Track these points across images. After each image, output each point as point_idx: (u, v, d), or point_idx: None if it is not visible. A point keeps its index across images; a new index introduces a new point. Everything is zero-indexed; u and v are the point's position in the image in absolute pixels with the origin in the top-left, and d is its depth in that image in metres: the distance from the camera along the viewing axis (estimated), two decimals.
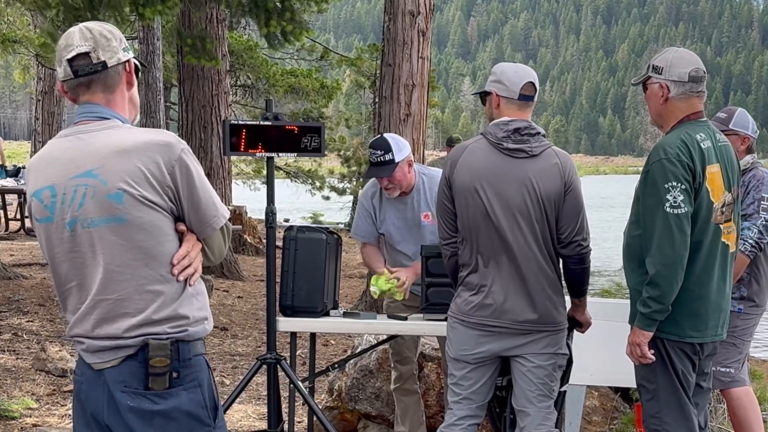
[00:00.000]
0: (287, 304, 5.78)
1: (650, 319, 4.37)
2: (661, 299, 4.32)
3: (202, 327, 3.20)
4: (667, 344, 4.42)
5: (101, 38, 3.16)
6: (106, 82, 3.18)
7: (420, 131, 11.18)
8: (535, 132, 4.68)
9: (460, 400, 4.80)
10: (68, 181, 3.09)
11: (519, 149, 4.64)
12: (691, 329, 4.42)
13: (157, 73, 13.73)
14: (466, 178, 4.66)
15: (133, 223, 3.06)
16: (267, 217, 5.70)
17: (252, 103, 22.71)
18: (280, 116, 5.73)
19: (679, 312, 4.38)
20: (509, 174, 4.62)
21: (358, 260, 18.64)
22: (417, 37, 11.04)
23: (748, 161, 5.76)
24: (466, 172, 4.67)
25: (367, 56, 22.51)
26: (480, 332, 4.70)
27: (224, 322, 11.42)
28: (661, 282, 4.30)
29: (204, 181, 3.19)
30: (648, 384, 4.51)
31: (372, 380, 6.72)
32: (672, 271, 4.29)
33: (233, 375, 8.73)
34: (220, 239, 3.26)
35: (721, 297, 4.49)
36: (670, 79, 4.48)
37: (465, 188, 4.66)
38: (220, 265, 15.13)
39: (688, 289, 4.36)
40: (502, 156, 4.65)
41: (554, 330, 4.70)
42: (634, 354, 4.46)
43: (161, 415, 3.08)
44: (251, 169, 28.22)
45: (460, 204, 4.69)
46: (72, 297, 3.16)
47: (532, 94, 4.77)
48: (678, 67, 4.48)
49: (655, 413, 4.49)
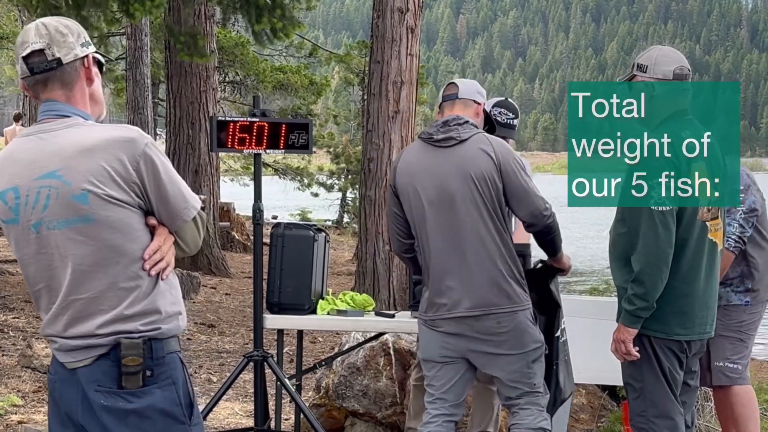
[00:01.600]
0: (274, 301, 5.76)
1: (635, 317, 4.37)
2: (645, 296, 4.32)
3: (176, 324, 3.16)
4: (654, 342, 4.42)
5: (57, 34, 3.11)
6: (63, 78, 3.13)
7: (408, 128, 11.18)
8: (463, 121, 4.77)
9: (434, 400, 4.84)
10: (31, 183, 3.05)
11: (448, 137, 4.74)
12: (679, 327, 4.41)
13: (144, 69, 13.71)
14: (405, 180, 4.77)
15: (101, 222, 3.03)
16: (254, 214, 5.68)
17: (240, 100, 22.66)
18: (267, 113, 5.72)
19: (666, 310, 4.38)
20: (442, 163, 4.70)
21: (346, 257, 18.68)
22: (406, 34, 11.03)
23: None
24: (404, 173, 4.80)
25: (356, 53, 22.49)
26: (440, 332, 4.73)
27: (211, 319, 11.40)
28: (645, 279, 4.30)
29: (171, 174, 3.14)
30: (635, 382, 4.51)
31: (359, 378, 6.70)
32: (657, 269, 4.29)
33: (220, 372, 8.71)
34: (193, 230, 3.22)
35: (708, 295, 4.49)
36: (654, 76, 4.50)
37: (406, 189, 4.76)
38: (208, 261, 15.11)
39: (675, 286, 4.36)
40: (434, 149, 4.75)
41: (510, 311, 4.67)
42: (618, 351, 4.47)
43: (135, 414, 3.06)
44: (240, 166, 28.17)
45: (407, 206, 4.78)
46: (42, 297, 3.13)
47: (455, 92, 4.90)
48: (662, 65, 4.49)
49: (642, 411, 4.49)
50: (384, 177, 11.03)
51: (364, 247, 11.28)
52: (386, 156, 11.04)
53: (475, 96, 4.95)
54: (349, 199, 26.72)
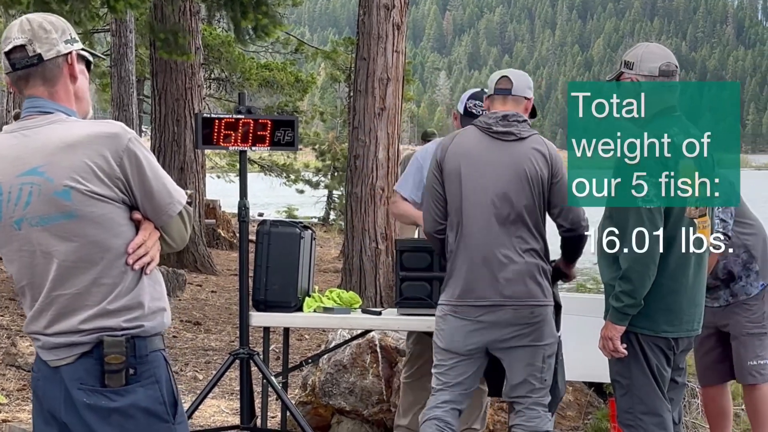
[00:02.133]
0: (260, 298, 5.74)
1: (622, 314, 4.37)
2: (633, 294, 4.32)
3: (159, 321, 3.14)
4: (642, 339, 4.42)
5: (39, 30, 3.09)
6: (44, 75, 3.11)
7: (395, 125, 11.17)
8: (522, 119, 4.88)
9: (444, 388, 4.87)
10: (14, 180, 3.03)
11: (507, 132, 4.82)
12: (666, 324, 4.41)
13: (129, 66, 13.66)
14: (454, 162, 4.82)
15: (85, 218, 3.00)
16: (240, 211, 5.66)
17: (226, 97, 22.61)
18: (253, 109, 5.70)
19: (654, 307, 4.38)
20: (498, 155, 4.79)
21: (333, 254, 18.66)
22: (392, 31, 11.01)
23: None
24: (454, 155, 4.84)
25: (342, 50, 22.44)
26: (470, 320, 4.78)
27: (197, 317, 11.38)
28: (633, 276, 4.30)
29: (156, 169, 3.12)
30: (622, 379, 4.50)
31: (346, 375, 6.69)
32: (644, 266, 4.29)
33: (206, 370, 8.69)
34: (179, 225, 3.19)
35: (696, 292, 4.49)
36: (640, 73, 4.50)
37: (453, 171, 4.81)
38: (194, 259, 15.08)
39: (663, 283, 4.36)
40: (491, 139, 4.83)
41: (543, 304, 4.78)
42: (606, 348, 4.46)
43: (118, 412, 3.04)
44: (225, 163, 28.12)
45: (450, 188, 4.82)
46: (27, 294, 3.11)
47: (509, 87, 4.92)
48: (648, 62, 4.49)
49: (629, 408, 4.48)
50: (370, 174, 11.01)
51: (351, 245, 11.26)
52: (372, 153, 11.02)
53: (527, 92, 5.04)
54: (335, 197, 26.71)
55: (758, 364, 5.70)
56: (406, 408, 6.04)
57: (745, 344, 5.69)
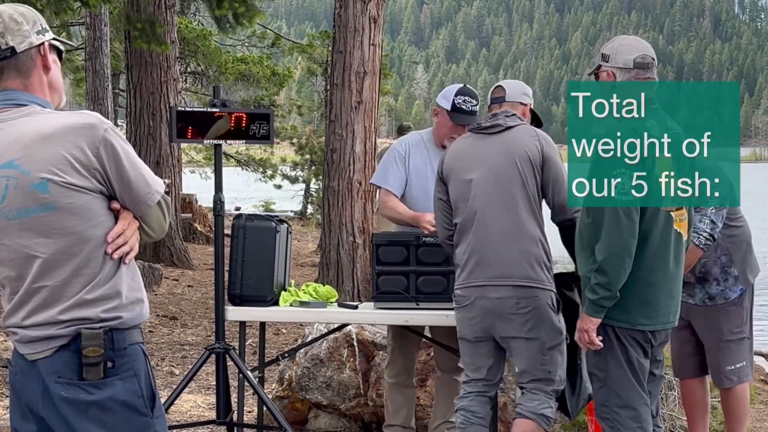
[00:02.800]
0: (236, 293, 5.72)
1: (598, 306, 4.37)
2: (608, 286, 4.32)
3: (138, 312, 3.12)
4: (618, 332, 4.42)
5: (11, 22, 3.06)
6: (18, 67, 3.09)
7: (372, 119, 11.14)
8: (511, 113, 5.09)
9: (469, 378, 5.07)
10: None
11: (494, 125, 5.05)
12: (643, 317, 4.41)
13: (104, 59, 13.57)
14: (451, 163, 5.07)
15: (63, 210, 2.98)
16: (215, 205, 5.63)
17: (202, 91, 22.52)
18: (228, 103, 5.66)
19: (630, 300, 4.38)
20: (489, 147, 5.01)
21: (310, 248, 18.61)
22: (368, 24, 10.98)
23: None
24: (451, 158, 5.08)
25: (319, 43, 22.36)
26: (472, 307, 4.95)
27: (174, 312, 11.33)
28: (608, 269, 4.30)
29: (133, 159, 3.11)
30: (599, 372, 4.50)
31: (323, 369, 6.68)
32: (619, 258, 4.29)
33: (183, 365, 8.66)
34: (158, 215, 3.18)
35: (673, 285, 4.49)
36: (616, 66, 4.50)
37: (451, 172, 5.04)
38: (170, 253, 15.01)
39: (639, 276, 4.36)
40: (482, 137, 5.06)
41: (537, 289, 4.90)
42: (582, 340, 4.47)
43: (96, 406, 3.01)
44: (202, 157, 28.02)
45: (452, 188, 5.05)
46: (6, 287, 3.08)
47: (502, 95, 5.20)
48: (623, 54, 4.49)
49: (605, 401, 4.49)
50: (347, 167, 10.99)
51: (328, 239, 11.23)
52: (349, 147, 11.00)
53: (521, 98, 5.25)
54: (312, 190, 26.66)
55: (736, 368, 5.72)
56: (397, 408, 6.04)
57: (723, 351, 5.70)
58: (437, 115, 5.81)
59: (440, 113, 5.77)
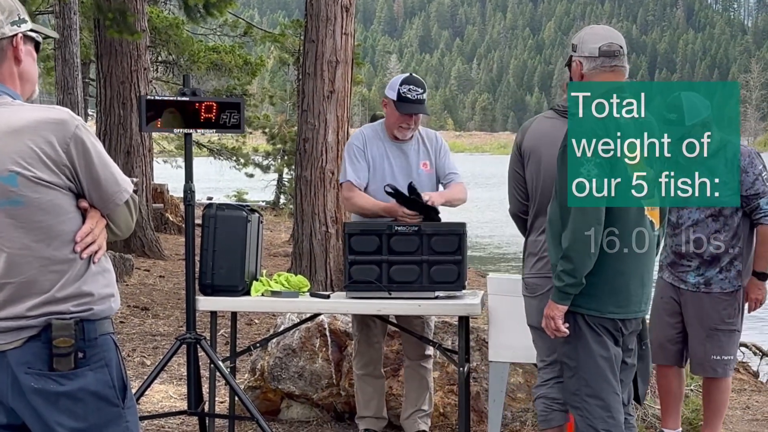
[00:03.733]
0: (207, 282, 5.70)
1: (564, 293, 4.35)
2: (573, 273, 4.30)
3: (108, 305, 3.11)
4: (589, 320, 4.40)
5: None
6: None
7: (344, 108, 11.11)
8: None
9: (544, 365, 4.93)
10: None
11: None
12: (613, 305, 4.40)
13: (74, 48, 13.43)
14: (532, 142, 4.87)
15: (30, 204, 2.97)
16: (185, 195, 5.60)
17: (174, 80, 22.40)
18: (198, 92, 5.63)
19: (601, 288, 4.37)
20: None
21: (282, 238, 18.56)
22: (340, 13, 10.94)
23: None
24: (533, 137, 4.88)
25: (291, 32, 22.31)
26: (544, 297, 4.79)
27: (145, 302, 11.28)
28: (573, 256, 4.29)
29: (103, 156, 3.09)
30: (569, 361, 4.49)
31: (295, 359, 6.66)
32: (584, 245, 4.27)
33: (154, 355, 8.62)
34: (125, 214, 3.18)
35: (645, 273, 4.49)
36: (582, 55, 4.52)
37: (532, 151, 4.87)
38: (141, 243, 14.94)
39: (609, 264, 4.35)
40: (563, 120, 4.84)
41: None
42: (548, 327, 4.45)
43: (67, 396, 3.00)
44: (174, 147, 27.90)
45: (531, 168, 4.87)
46: None
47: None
48: (589, 43, 4.50)
49: (576, 390, 4.47)
50: (320, 157, 10.95)
51: (301, 228, 11.20)
52: (322, 136, 10.96)
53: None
54: (285, 180, 26.61)
55: (722, 359, 5.72)
56: (367, 399, 6.04)
57: (713, 340, 5.71)
58: (386, 107, 5.84)
59: (388, 104, 5.81)
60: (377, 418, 6.06)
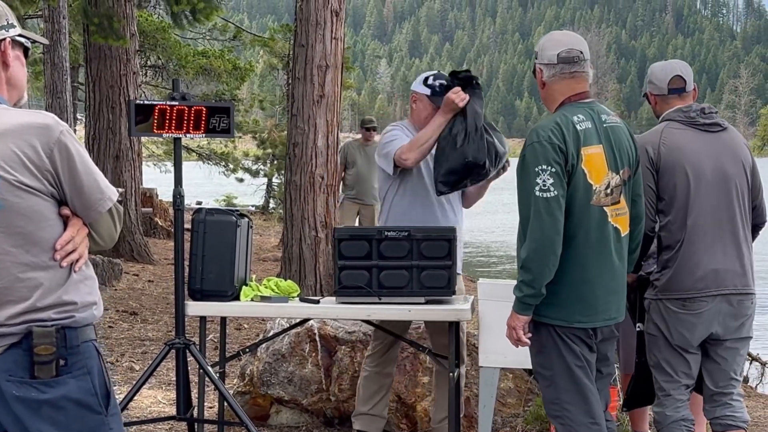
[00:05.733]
0: (196, 287, 5.67)
1: (524, 303, 4.31)
2: (532, 283, 4.25)
3: (90, 313, 3.08)
4: (559, 330, 4.34)
5: None
6: None
7: (334, 113, 11.09)
8: (716, 111, 5.19)
9: (680, 387, 5.03)
10: None
11: (714, 123, 5.07)
12: (580, 314, 4.33)
13: (63, 52, 13.40)
14: (672, 157, 4.97)
15: (10, 209, 2.93)
16: (175, 199, 5.58)
17: (163, 84, 22.36)
18: (187, 96, 5.61)
19: (566, 297, 4.31)
20: (715, 145, 5.03)
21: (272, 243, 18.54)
22: (330, 18, 10.93)
23: None
24: (671, 150, 4.98)
25: (281, 37, 22.27)
26: (698, 313, 4.93)
27: (134, 307, 11.25)
28: (531, 266, 4.24)
29: (87, 163, 3.06)
30: (544, 371, 4.43)
31: (285, 364, 6.64)
32: (542, 255, 4.22)
33: (143, 360, 8.59)
34: (108, 222, 3.14)
35: (613, 280, 4.40)
36: (542, 62, 4.47)
37: (672, 165, 4.96)
38: (130, 248, 14.91)
39: (573, 273, 4.29)
40: (699, 133, 5.04)
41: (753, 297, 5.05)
42: (511, 337, 4.42)
43: (49, 405, 2.97)
44: (162, 151, 27.84)
45: (667, 182, 4.96)
46: None
47: (682, 85, 5.16)
48: (548, 50, 4.45)
49: (555, 399, 4.40)
50: (310, 161, 10.93)
51: (290, 233, 11.18)
52: (311, 141, 10.94)
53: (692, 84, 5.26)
54: (275, 185, 26.57)
55: None
56: (369, 395, 5.98)
57: None
58: (415, 102, 5.80)
59: (419, 99, 5.77)
60: (374, 416, 5.98)
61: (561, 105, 4.41)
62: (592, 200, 4.29)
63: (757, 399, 8.06)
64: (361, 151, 13.44)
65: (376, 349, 5.98)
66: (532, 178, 4.22)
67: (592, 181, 4.29)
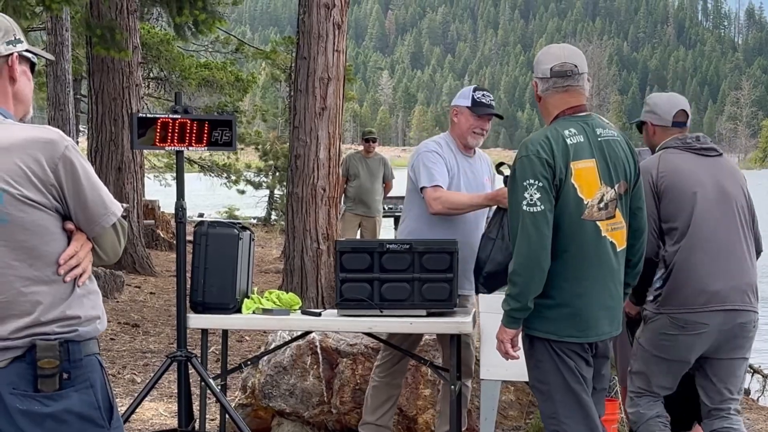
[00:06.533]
0: (198, 300, 5.67)
1: (511, 317, 4.32)
2: (518, 297, 4.25)
3: (94, 326, 3.09)
4: (554, 345, 4.33)
5: None
6: None
7: (336, 125, 11.11)
8: (709, 139, 5.33)
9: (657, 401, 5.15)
10: None
11: (710, 148, 5.21)
12: (572, 329, 4.32)
13: (66, 65, 13.45)
14: (673, 178, 5.07)
15: (15, 223, 2.94)
16: (177, 212, 5.60)
17: (165, 96, 22.39)
18: (190, 109, 5.62)
19: (559, 312, 4.30)
20: (714, 167, 5.14)
21: (274, 255, 18.53)
22: (332, 30, 10.95)
23: None
24: (671, 173, 5.08)
25: (283, 49, 22.31)
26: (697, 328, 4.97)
27: (136, 319, 11.25)
28: (518, 281, 4.25)
29: (92, 178, 3.07)
30: (541, 385, 4.42)
31: (286, 377, 6.64)
32: (528, 270, 4.21)
33: (144, 373, 8.59)
34: (112, 238, 3.14)
35: (607, 295, 4.37)
36: (536, 76, 4.48)
37: (674, 186, 5.05)
38: (132, 260, 14.91)
39: (564, 287, 4.29)
40: (697, 156, 5.16)
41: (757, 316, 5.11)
42: (500, 350, 4.43)
43: (52, 418, 2.97)
44: (164, 164, 27.84)
45: (670, 203, 5.03)
46: None
47: (684, 120, 5.31)
48: (542, 64, 4.45)
49: (552, 414, 4.38)
50: (311, 174, 10.94)
51: (292, 245, 11.18)
52: (313, 153, 10.95)
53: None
54: (277, 197, 26.56)
55: None
56: (377, 405, 5.98)
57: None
58: (456, 116, 5.83)
59: (460, 112, 5.81)
60: (381, 427, 5.97)
61: (555, 119, 4.40)
62: (583, 215, 4.27)
63: (759, 411, 8.05)
64: (363, 163, 13.46)
65: (385, 360, 5.97)
66: (520, 192, 4.22)
67: (582, 195, 4.27)
